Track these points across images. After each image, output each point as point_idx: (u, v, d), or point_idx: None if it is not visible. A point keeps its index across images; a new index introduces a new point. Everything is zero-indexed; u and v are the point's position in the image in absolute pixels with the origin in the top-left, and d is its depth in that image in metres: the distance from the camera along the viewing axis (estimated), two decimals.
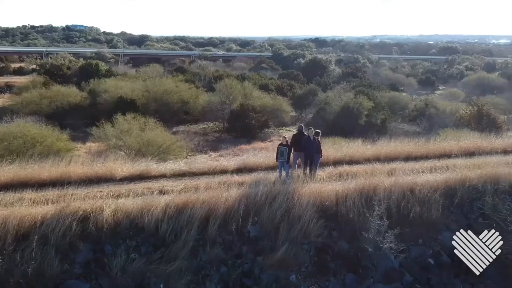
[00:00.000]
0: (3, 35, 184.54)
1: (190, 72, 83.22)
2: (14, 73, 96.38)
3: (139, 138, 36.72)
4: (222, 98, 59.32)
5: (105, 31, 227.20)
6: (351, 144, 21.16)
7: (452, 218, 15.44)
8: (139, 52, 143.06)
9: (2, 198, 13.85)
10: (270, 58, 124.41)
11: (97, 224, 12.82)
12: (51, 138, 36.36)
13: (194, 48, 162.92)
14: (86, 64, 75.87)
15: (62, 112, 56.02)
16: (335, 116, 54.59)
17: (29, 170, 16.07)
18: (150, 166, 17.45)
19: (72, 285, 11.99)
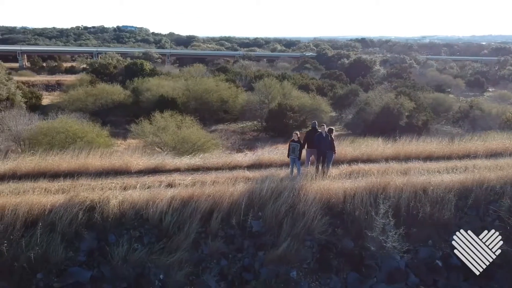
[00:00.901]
0: (58, 36, 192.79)
1: (232, 71, 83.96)
2: (65, 72, 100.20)
3: (175, 135, 37.55)
4: (261, 97, 59.55)
5: (154, 32, 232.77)
6: (371, 142, 20.69)
7: (465, 220, 14.88)
8: (185, 52, 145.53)
9: (18, 187, 14.54)
10: (314, 58, 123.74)
11: (103, 214, 13.23)
12: (92, 134, 37.80)
13: (239, 48, 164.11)
14: (131, 64, 78.01)
15: (106, 110, 57.97)
16: (375, 116, 53.73)
17: (50, 161, 16.76)
18: (166, 160, 17.79)
19: (75, 272, 12.43)
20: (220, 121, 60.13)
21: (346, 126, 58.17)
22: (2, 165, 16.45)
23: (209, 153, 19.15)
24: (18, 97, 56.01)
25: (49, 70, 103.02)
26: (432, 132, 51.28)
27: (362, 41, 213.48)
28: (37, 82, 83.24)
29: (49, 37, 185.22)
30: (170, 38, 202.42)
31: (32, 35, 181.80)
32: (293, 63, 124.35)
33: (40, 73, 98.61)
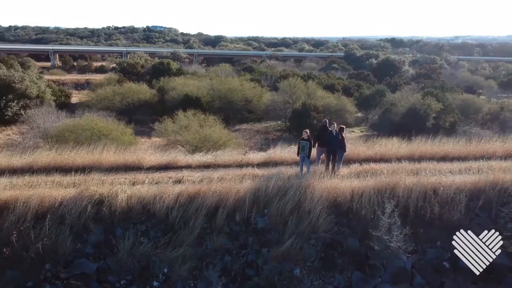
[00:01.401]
0: (89, 36, 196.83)
1: (257, 71, 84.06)
2: (95, 71, 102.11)
3: (196, 134, 37.96)
4: (285, 97, 59.45)
5: (182, 32, 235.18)
6: (386, 142, 20.41)
7: (476, 221, 14.56)
8: (212, 52, 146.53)
9: (32, 180, 15.00)
10: (342, 58, 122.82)
11: (111, 208, 13.52)
12: (116, 132, 38.56)
13: (267, 48, 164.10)
14: (158, 63, 79.06)
15: (133, 108, 58.92)
16: (401, 117, 53.00)
17: (65, 156, 17.20)
18: (178, 157, 18.02)
19: (82, 264, 12.76)
20: (244, 120, 60.30)
21: (371, 127, 57.56)
22: (20, 159, 16.98)
23: (222, 151, 19.19)
24: (47, 95, 57.41)
25: (80, 69, 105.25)
26: (460, 134, 50.24)
27: (392, 41, 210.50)
28: (67, 81, 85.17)
29: (80, 37, 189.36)
30: (199, 38, 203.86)
31: (64, 35, 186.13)
32: (320, 63, 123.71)
33: (71, 72, 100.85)
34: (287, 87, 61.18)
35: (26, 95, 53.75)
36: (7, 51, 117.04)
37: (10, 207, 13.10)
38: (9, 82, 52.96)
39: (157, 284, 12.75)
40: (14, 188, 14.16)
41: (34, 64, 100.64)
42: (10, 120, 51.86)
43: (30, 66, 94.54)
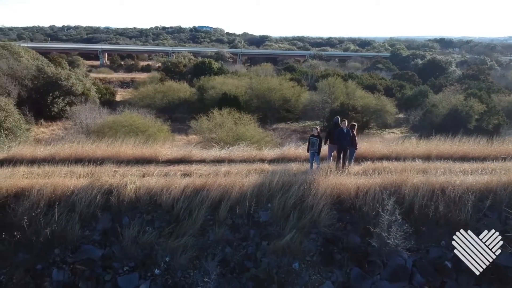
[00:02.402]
0: (137, 35, 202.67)
1: (299, 71, 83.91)
2: (141, 70, 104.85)
3: (230, 132, 38.52)
4: (323, 96, 59.14)
5: (228, 32, 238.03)
6: (404, 141, 20.12)
7: (484, 222, 14.18)
8: (256, 52, 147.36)
9: (51, 169, 15.80)
10: (388, 59, 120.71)
11: (119, 198, 14.11)
12: (153, 129, 39.73)
13: (311, 48, 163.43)
14: (200, 62, 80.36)
15: (173, 106, 60.30)
16: (442, 119, 51.74)
17: (86, 148, 17.99)
18: (193, 151, 18.45)
19: (88, 250, 13.39)
20: (282, 120, 60.40)
21: (412, 128, 56.40)
22: (44, 150, 17.91)
23: (236, 146, 19.46)
24: (92, 93, 59.66)
25: (127, 68, 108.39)
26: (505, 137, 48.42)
27: (441, 42, 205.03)
28: (113, 79, 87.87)
29: (129, 36, 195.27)
30: (244, 38, 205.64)
31: (114, 35, 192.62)
32: (365, 63, 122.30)
33: (118, 71, 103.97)
34: (326, 86, 60.88)
35: (72, 92, 56.02)
36: (59, 50, 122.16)
37: (25, 194, 13.92)
38: (56, 79, 55.38)
39: (159, 272, 13.19)
40: (32, 177, 15.02)
41: (83, 62, 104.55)
42: (56, 116, 54.25)
43: (79, 64, 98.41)
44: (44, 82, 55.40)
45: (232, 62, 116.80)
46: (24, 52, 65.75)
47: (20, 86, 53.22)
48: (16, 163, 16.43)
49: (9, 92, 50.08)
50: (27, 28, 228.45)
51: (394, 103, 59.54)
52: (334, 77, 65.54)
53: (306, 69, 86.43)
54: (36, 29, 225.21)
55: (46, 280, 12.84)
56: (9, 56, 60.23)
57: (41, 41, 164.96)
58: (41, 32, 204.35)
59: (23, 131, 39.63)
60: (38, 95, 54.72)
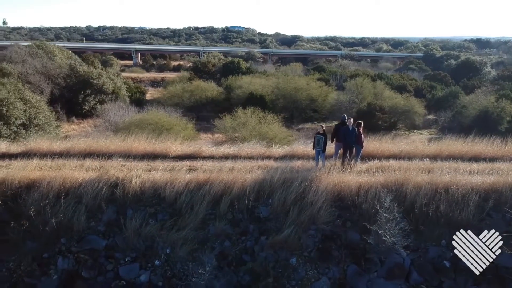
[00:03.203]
0: (170, 36, 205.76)
1: (328, 71, 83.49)
2: (173, 70, 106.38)
3: (253, 131, 38.87)
4: (351, 96, 58.78)
5: (260, 32, 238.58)
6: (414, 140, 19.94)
7: (486, 222, 13.96)
8: (286, 52, 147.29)
9: (64, 163, 16.44)
10: (420, 59, 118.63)
11: (125, 191, 14.56)
12: (178, 127, 40.49)
13: (343, 48, 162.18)
14: (228, 62, 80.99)
15: (200, 105, 61.05)
16: (472, 120, 50.70)
17: (100, 143, 18.60)
18: (203, 148, 18.83)
19: (92, 240, 13.92)
20: (308, 120, 60.25)
21: (441, 130, 55.39)
22: (61, 145, 18.63)
23: (247, 143, 19.72)
24: (123, 92, 61.01)
25: (159, 68, 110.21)
26: None
27: (477, 42, 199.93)
28: (144, 78, 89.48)
29: (163, 36, 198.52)
30: (275, 38, 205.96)
31: (148, 35, 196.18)
32: (398, 63, 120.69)
33: (150, 71, 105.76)
34: (353, 86, 60.52)
35: (103, 90, 57.48)
36: (94, 49, 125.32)
37: (36, 186, 14.55)
38: (87, 78, 56.90)
39: (159, 263, 13.58)
40: (43, 169, 15.67)
41: (116, 62, 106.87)
42: (87, 114, 55.78)
43: (113, 64, 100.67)
44: (76, 81, 57.03)
45: (262, 62, 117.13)
46: (58, 52, 67.77)
47: (53, 84, 54.96)
48: (32, 156, 17.15)
49: (42, 90, 51.82)
50: (65, 28, 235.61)
51: (423, 104, 58.62)
52: (363, 77, 64.95)
53: (336, 69, 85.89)
54: (73, 29, 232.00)
55: (51, 268, 13.44)
56: (44, 55, 62.24)
57: (77, 41, 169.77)
58: (78, 32, 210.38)
59: (53, 128, 41.05)
60: (71, 93, 56.40)
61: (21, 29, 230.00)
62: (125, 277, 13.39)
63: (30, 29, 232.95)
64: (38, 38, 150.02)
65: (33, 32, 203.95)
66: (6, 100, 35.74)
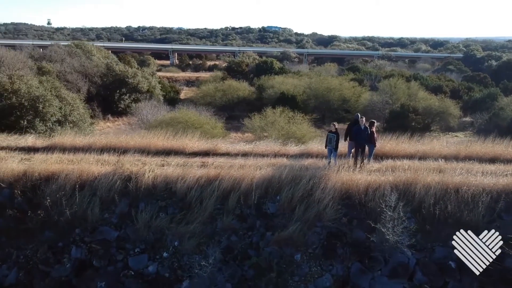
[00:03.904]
0: (207, 36, 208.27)
1: (363, 71, 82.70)
2: (208, 70, 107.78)
3: (281, 130, 39.07)
4: (384, 97, 58.09)
5: (296, 32, 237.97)
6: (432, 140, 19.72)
7: (497, 224, 13.67)
8: (322, 52, 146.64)
9: (82, 157, 17.08)
10: (460, 60, 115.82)
11: (137, 184, 15.05)
12: (207, 126, 41.14)
13: (380, 48, 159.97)
14: (262, 62, 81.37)
15: (232, 104, 61.71)
16: (509, 122, 49.27)
17: (121, 139, 19.24)
18: (219, 145, 19.17)
19: (105, 231, 14.48)
20: (341, 120, 59.63)
21: (477, 132, 54.02)
22: (83, 140, 19.39)
23: (262, 141, 19.97)
24: (157, 91, 62.30)
25: (194, 68, 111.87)
26: None
27: None
28: (179, 78, 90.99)
29: (200, 37, 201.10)
30: (312, 38, 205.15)
31: (185, 35, 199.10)
32: (436, 64, 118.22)
33: (186, 70, 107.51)
34: (387, 87, 59.79)
35: (138, 89, 58.88)
36: (133, 49, 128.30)
37: (54, 178, 15.23)
38: (123, 77, 58.38)
39: (167, 255, 14.00)
40: (63, 162, 16.36)
41: (153, 61, 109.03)
42: (122, 112, 57.29)
43: (150, 63, 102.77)
44: (112, 80, 58.65)
45: (298, 62, 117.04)
46: (96, 51, 69.81)
47: (90, 82, 56.70)
48: (56, 150, 17.93)
49: (79, 88, 53.53)
50: (106, 29, 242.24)
51: (459, 105, 57.24)
52: (396, 78, 64.01)
53: (371, 69, 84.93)
54: (114, 30, 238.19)
55: (65, 256, 14.07)
56: (82, 55, 64.24)
57: (117, 41, 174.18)
58: (118, 33, 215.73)
59: (87, 125, 42.35)
60: (107, 92, 58.05)
61: (64, 29, 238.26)
62: (133, 267, 13.87)
63: (72, 29, 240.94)
64: (80, 38, 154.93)
65: (75, 32, 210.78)
66: (43, 98, 37.06)
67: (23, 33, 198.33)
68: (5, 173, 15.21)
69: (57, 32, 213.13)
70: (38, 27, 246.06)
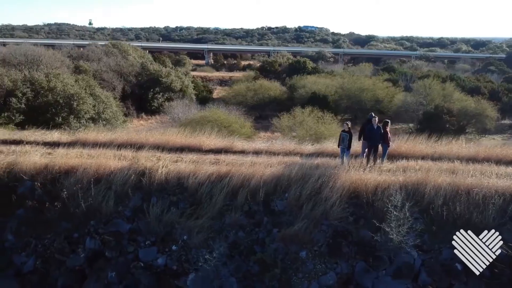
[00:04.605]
0: (243, 36, 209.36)
1: (398, 71, 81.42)
2: (242, 69, 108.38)
3: (310, 130, 39.08)
4: (418, 98, 57.08)
5: (333, 32, 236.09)
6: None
7: (507, 227, 13.34)
8: (358, 52, 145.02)
9: (101, 152, 17.69)
10: (502, 60, 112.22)
11: (151, 179, 15.51)
12: (236, 125, 41.61)
13: (419, 48, 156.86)
14: (295, 62, 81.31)
15: (263, 104, 61.98)
16: None
17: (141, 135, 19.84)
18: (235, 142, 19.46)
19: (118, 223, 15.02)
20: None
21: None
22: (106, 136, 20.09)
23: (279, 140, 20.15)
24: (189, 90, 63.28)
25: (229, 67, 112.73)
26: None
27: None
28: (213, 77, 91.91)
29: (236, 37, 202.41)
30: (349, 38, 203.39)
31: (221, 35, 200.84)
32: (477, 65, 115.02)
33: (221, 70, 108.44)
34: (421, 87, 58.75)
35: (171, 88, 60.00)
36: (169, 49, 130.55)
37: (73, 171, 15.90)
38: (157, 76, 59.58)
39: (175, 248, 14.40)
40: (82, 157, 17.02)
41: (189, 61, 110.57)
42: (155, 110, 58.53)
43: (185, 63, 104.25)
44: (146, 79, 59.94)
45: (333, 62, 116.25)
46: (132, 51, 71.41)
47: (125, 81, 58.15)
48: (78, 146, 18.68)
49: (114, 87, 55.02)
50: (144, 29, 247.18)
51: (497, 107, 55.56)
52: (430, 79, 62.75)
53: (406, 70, 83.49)
54: (152, 30, 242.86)
55: (80, 247, 14.69)
56: (118, 54, 65.89)
57: (155, 41, 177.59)
58: (156, 33, 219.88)
59: (119, 122, 43.54)
60: (141, 91, 59.40)
61: (104, 29, 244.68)
62: (143, 259, 14.33)
63: (112, 29, 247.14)
64: (119, 38, 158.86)
65: (115, 33, 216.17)
66: (77, 95, 38.35)
67: (65, 33, 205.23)
68: (28, 166, 16.00)
69: (97, 32, 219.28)
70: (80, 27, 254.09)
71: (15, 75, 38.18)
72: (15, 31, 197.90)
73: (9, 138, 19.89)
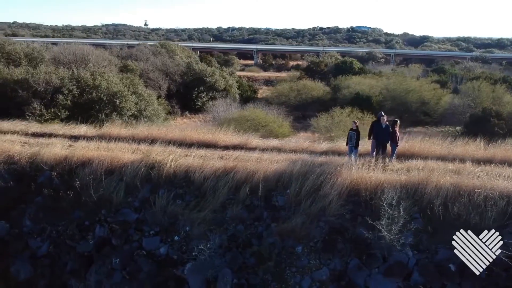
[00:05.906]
0: (294, 36, 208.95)
1: (448, 73, 78.94)
2: (290, 69, 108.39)
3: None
4: (465, 100, 55.24)
5: (386, 32, 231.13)
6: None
7: (508, 230, 12.91)
8: (411, 53, 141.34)
9: (118, 145, 18.55)
10: None
11: (160, 172, 16.17)
12: (274, 124, 41.99)
13: (475, 49, 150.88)
14: (341, 62, 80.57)
15: (305, 104, 61.93)
16: None
17: (161, 131, 20.63)
18: (250, 139, 19.84)
19: (126, 213, 15.80)
20: (419, 123, 57.77)
21: None
22: (128, 131, 21.01)
23: (293, 138, 20.34)
24: (233, 89, 64.14)
25: (277, 67, 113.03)
26: None
27: None
28: (259, 77, 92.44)
29: (286, 37, 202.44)
30: (403, 39, 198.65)
31: (272, 36, 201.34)
32: None
33: (268, 70, 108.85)
34: (469, 89, 56.78)
35: (215, 88, 61.08)
36: (220, 49, 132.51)
37: (89, 163, 16.82)
38: (202, 76, 60.81)
39: (177, 239, 14.97)
40: (99, 150, 17.94)
41: (237, 61, 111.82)
42: (199, 109, 59.78)
43: (234, 63, 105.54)
44: (191, 78, 61.29)
45: (384, 63, 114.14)
46: (179, 51, 73.21)
47: (171, 80, 59.74)
48: (101, 139, 19.69)
49: (160, 86, 56.72)
50: (197, 30, 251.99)
51: None
52: (481, 80, 60.48)
53: (457, 71, 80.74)
54: (205, 30, 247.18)
55: (89, 234, 15.57)
56: (165, 54, 67.75)
57: (206, 41, 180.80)
58: (209, 33, 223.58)
59: (161, 120, 44.87)
60: (186, 89, 60.82)
61: (159, 30, 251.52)
62: (146, 248, 15.00)
63: (166, 30, 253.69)
64: (173, 38, 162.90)
65: (169, 33, 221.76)
66: (120, 93, 39.91)
67: (122, 33, 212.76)
68: (49, 157, 17.13)
69: (152, 32, 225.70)
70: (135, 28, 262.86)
71: (63, 73, 40.12)
72: (74, 31, 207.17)
73: (40, 131, 21.24)
